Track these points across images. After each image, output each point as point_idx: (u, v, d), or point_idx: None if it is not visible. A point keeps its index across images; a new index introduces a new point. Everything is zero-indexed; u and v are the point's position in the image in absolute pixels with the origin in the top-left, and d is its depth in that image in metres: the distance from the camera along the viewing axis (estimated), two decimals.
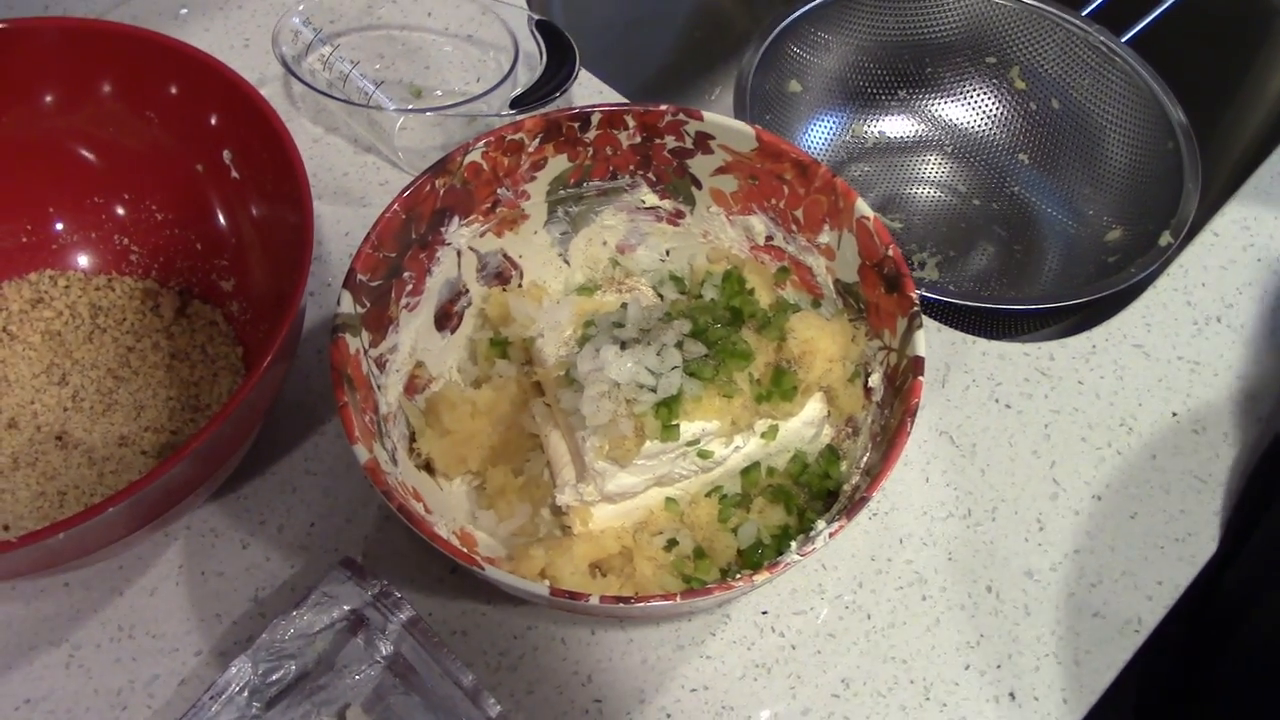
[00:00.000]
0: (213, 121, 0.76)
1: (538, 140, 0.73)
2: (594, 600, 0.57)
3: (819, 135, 1.13)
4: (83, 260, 0.83)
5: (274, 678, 0.64)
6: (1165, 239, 0.92)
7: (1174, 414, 0.82)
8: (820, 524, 0.62)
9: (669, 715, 0.68)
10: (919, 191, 1.12)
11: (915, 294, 0.67)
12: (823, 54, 1.09)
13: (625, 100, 0.97)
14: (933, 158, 1.14)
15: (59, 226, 0.82)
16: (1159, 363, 0.84)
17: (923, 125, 1.14)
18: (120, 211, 0.82)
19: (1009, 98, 1.11)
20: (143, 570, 0.72)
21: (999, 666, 0.71)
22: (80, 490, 0.73)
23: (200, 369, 0.79)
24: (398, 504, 0.59)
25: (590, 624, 0.72)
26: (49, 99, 0.78)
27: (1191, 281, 0.89)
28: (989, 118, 1.13)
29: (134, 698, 0.68)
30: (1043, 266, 1.07)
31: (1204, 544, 0.76)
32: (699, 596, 0.58)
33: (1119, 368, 0.84)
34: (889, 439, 0.64)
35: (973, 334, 0.85)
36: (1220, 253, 0.91)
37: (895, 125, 1.14)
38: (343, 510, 0.75)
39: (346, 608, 0.66)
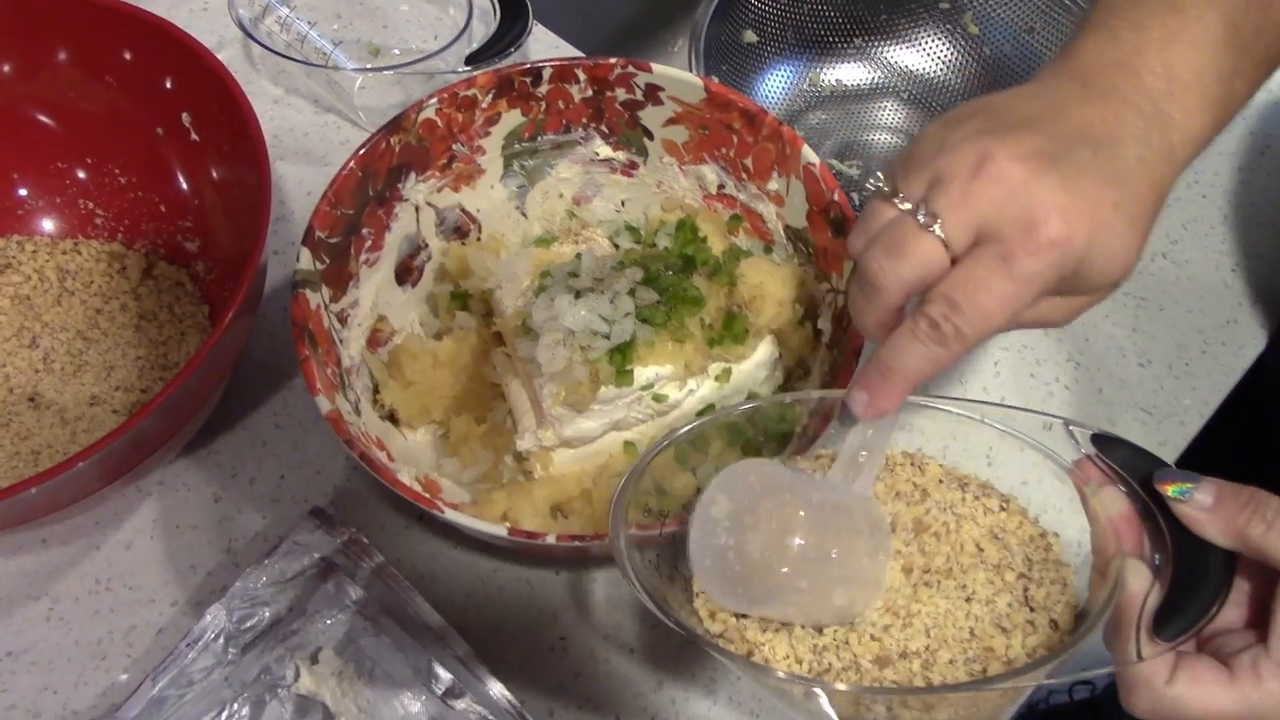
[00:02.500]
0: (169, 85, 0.77)
1: (491, 96, 0.74)
2: (551, 539, 0.59)
3: (776, 85, 1.14)
4: (48, 225, 0.84)
5: (248, 624, 0.66)
6: None
7: (1120, 348, 0.84)
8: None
9: (632, 651, 0.71)
10: (876, 138, 1.14)
11: None
12: (778, 3, 1.10)
13: (579, 54, 0.98)
14: (889, 104, 1.15)
15: (23, 192, 0.83)
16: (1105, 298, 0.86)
17: (879, 72, 1.15)
18: (83, 176, 0.83)
19: (963, 43, 1.13)
20: (118, 525, 0.74)
21: None
22: (54, 449, 0.75)
23: (168, 328, 0.80)
24: (360, 452, 0.61)
25: (555, 565, 0.74)
26: (6, 66, 0.78)
27: None
28: (944, 63, 1.14)
29: (113, 648, 0.70)
30: None
31: None
32: (653, 530, 0.60)
33: None
34: (837, 380, 0.66)
35: None
36: None
37: (852, 73, 1.15)
38: (312, 463, 0.77)
39: (317, 555, 0.69)
